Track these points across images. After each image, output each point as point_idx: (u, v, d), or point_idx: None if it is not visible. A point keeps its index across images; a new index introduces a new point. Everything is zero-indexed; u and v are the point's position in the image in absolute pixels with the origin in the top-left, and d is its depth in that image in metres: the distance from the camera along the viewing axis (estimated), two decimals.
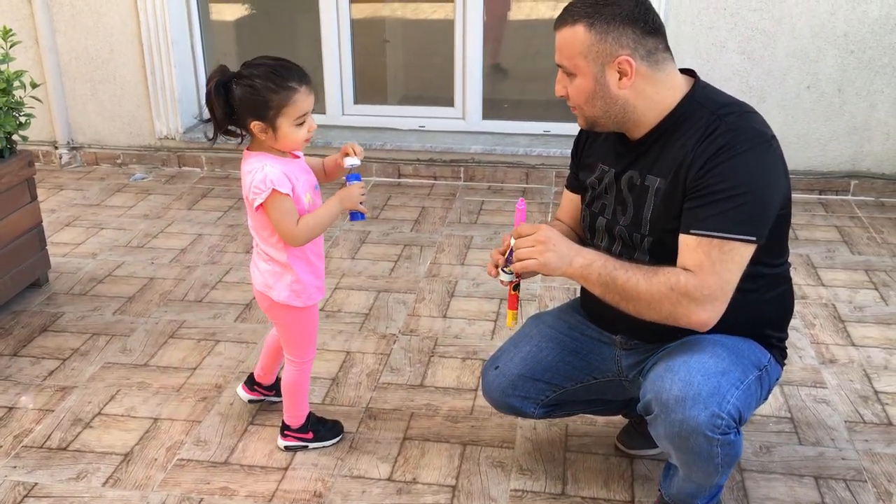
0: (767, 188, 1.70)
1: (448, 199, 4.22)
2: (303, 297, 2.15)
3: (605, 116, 1.80)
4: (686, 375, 1.72)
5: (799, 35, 3.94)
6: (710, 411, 1.68)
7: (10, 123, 2.96)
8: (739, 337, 1.85)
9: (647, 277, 1.70)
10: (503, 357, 2.12)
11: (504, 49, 4.59)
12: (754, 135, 1.71)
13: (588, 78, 1.75)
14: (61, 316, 3.10)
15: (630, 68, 1.72)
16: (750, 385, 1.78)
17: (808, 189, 4.16)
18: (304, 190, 2.08)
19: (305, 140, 2.05)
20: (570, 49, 1.74)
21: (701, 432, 1.69)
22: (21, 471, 2.27)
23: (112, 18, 4.44)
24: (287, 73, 1.97)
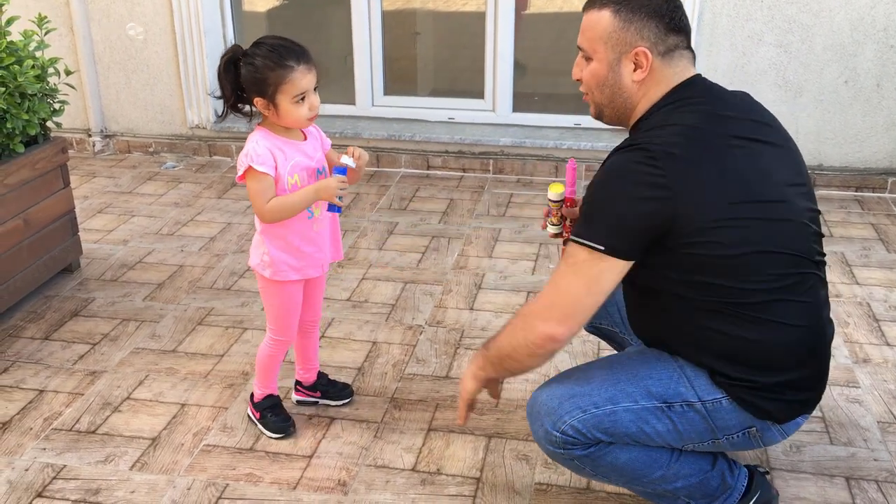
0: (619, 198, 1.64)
1: (477, 191, 4.20)
2: (271, 271, 2.19)
3: (610, 106, 1.81)
4: (538, 394, 1.82)
5: (837, 28, 3.86)
6: (545, 428, 1.77)
7: (44, 110, 2.99)
8: (679, 364, 1.76)
9: (504, 329, 1.79)
10: None
11: (519, 44, 4.54)
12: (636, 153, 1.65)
13: (603, 64, 1.75)
14: (92, 301, 3.14)
15: (646, 61, 1.72)
16: (618, 411, 1.73)
17: (844, 186, 4.08)
18: (292, 171, 2.11)
19: (309, 119, 2.09)
20: (591, 32, 1.75)
21: (542, 444, 1.81)
22: (50, 453, 2.30)
23: (146, 8, 4.47)
24: (285, 52, 2.02)
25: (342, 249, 2.36)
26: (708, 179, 1.62)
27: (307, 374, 2.47)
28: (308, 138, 2.19)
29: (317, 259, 2.23)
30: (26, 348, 2.82)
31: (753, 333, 1.69)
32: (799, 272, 1.71)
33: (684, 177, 1.61)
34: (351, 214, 3.92)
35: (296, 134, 2.16)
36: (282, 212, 2.10)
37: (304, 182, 2.13)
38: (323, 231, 2.23)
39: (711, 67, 4.02)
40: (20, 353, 2.80)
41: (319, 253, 2.23)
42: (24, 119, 2.90)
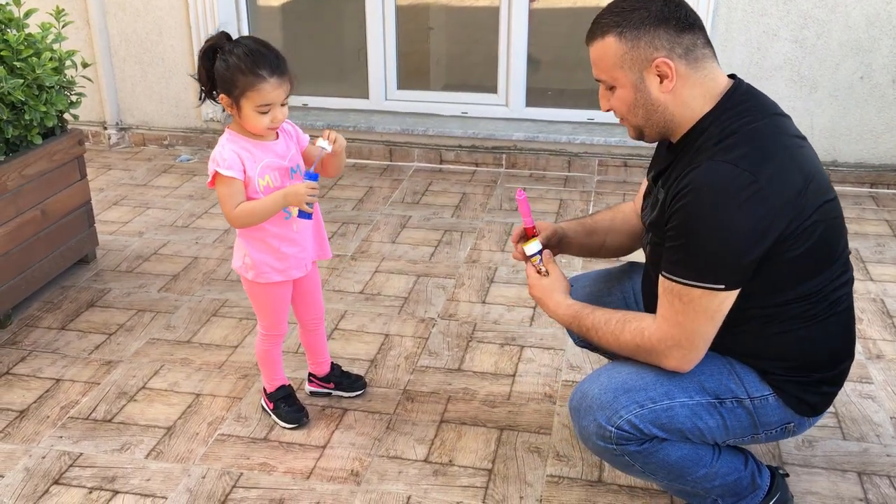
0: (729, 236, 1.57)
1: (489, 185, 4.21)
2: (253, 273, 2.19)
3: (648, 125, 1.73)
4: (587, 388, 1.78)
5: (853, 24, 3.84)
6: (598, 423, 1.74)
7: (61, 102, 3.02)
8: (727, 360, 1.77)
9: (616, 336, 1.77)
10: (580, 280, 2.20)
11: (532, 39, 4.54)
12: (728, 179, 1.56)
13: (628, 88, 1.69)
14: (108, 292, 3.17)
15: (669, 69, 1.64)
16: (674, 407, 1.72)
17: (858, 182, 4.06)
18: (262, 172, 2.07)
19: (269, 128, 2.04)
20: (604, 62, 1.69)
21: (593, 441, 1.77)
22: (67, 441, 2.33)
23: (161, 1, 4.50)
24: (261, 59, 1.97)
25: (329, 248, 2.31)
26: (797, 186, 1.60)
27: (319, 367, 2.49)
28: (280, 137, 2.14)
29: (300, 259, 2.21)
30: (43, 338, 2.85)
31: (818, 332, 1.73)
32: (848, 268, 1.77)
33: (782, 188, 1.58)
34: (364, 208, 3.93)
35: (267, 135, 2.11)
36: (250, 217, 2.07)
37: (276, 183, 2.10)
38: (304, 231, 2.19)
39: (726, 63, 4.01)
40: (37, 342, 2.83)
41: (302, 253, 2.21)
42: (42, 111, 2.93)
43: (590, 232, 2.10)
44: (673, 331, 1.67)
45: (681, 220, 1.62)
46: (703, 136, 1.67)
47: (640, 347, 1.73)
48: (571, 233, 2.07)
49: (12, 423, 2.41)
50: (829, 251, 1.69)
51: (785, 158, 1.61)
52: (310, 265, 2.27)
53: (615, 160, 4.28)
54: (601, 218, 2.13)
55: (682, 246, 1.62)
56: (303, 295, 2.33)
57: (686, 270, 1.62)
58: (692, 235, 1.60)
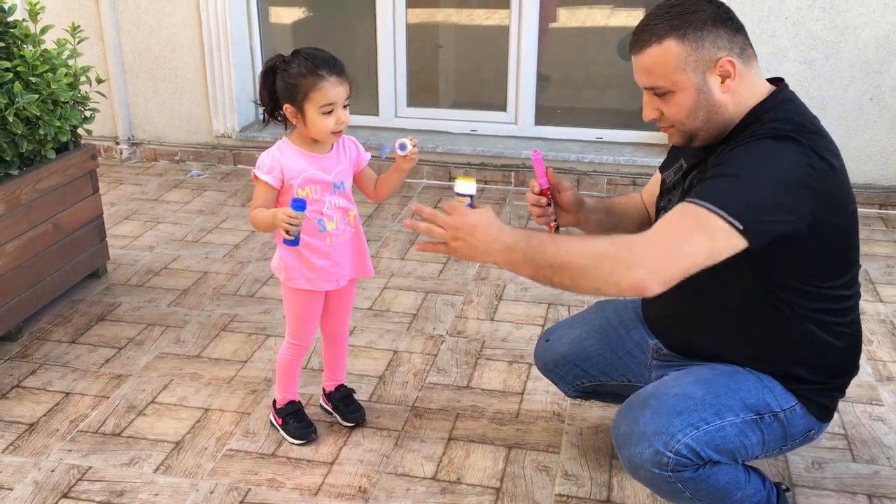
0: (774, 184, 1.54)
1: (498, 203, 4.22)
2: (284, 276, 2.22)
3: (706, 127, 1.70)
4: (637, 413, 1.72)
5: (863, 46, 3.86)
6: (654, 449, 1.67)
7: (75, 117, 3.05)
8: (756, 374, 1.77)
9: (583, 243, 1.56)
10: (556, 332, 2.22)
11: (545, 57, 4.57)
12: (791, 143, 1.58)
13: (689, 91, 1.65)
14: (118, 306, 3.18)
15: (733, 68, 1.64)
16: (725, 427, 1.70)
17: (868, 203, 4.06)
18: (303, 183, 2.12)
19: (334, 132, 2.08)
20: (663, 67, 1.64)
21: (648, 469, 1.69)
22: (76, 454, 2.34)
23: (175, 18, 4.55)
24: (320, 62, 2.03)
25: (370, 267, 2.32)
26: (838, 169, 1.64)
27: (328, 383, 2.49)
28: (334, 151, 2.18)
29: (330, 273, 2.21)
30: (53, 351, 2.87)
31: (837, 339, 1.76)
32: (858, 281, 1.80)
33: (830, 181, 1.61)
34: (373, 224, 3.95)
35: (321, 147, 2.15)
36: (255, 223, 2.13)
37: (316, 195, 2.13)
38: (340, 246, 2.20)
39: None
40: (48, 355, 2.84)
41: (334, 267, 2.21)
42: (57, 126, 2.96)
43: (608, 210, 2.06)
44: (662, 238, 1.53)
45: (731, 158, 1.59)
46: (752, 123, 1.67)
47: (615, 245, 1.53)
48: (591, 204, 2.02)
49: (22, 437, 2.41)
50: (848, 257, 1.73)
51: (832, 142, 1.66)
52: (343, 281, 2.26)
53: (624, 179, 4.29)
54: (618, 202, 2.13)
55: (722, 177, 1.57)
56: (332, 308, 2.34)
57: (716, 196, 1.53)
58: (740, 168, 1.56)
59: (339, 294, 2.32)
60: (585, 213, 2.00)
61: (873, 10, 3.79)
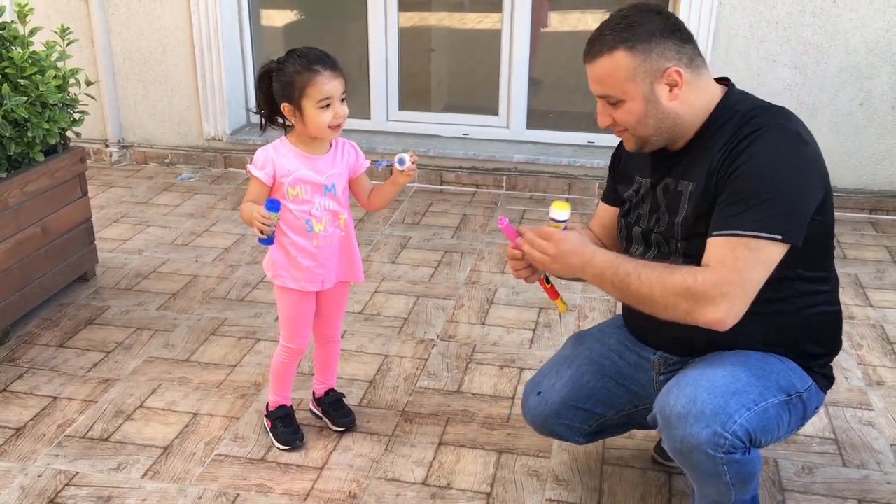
0: (796, 187, 1.65)
1: (489, 207, 4.22)
2: (272, 273, 2.23)
3: (657, 133, 1.77)
4: (692, 392, 1.69)
5: (853, 51, 3.87)
6: (713, 430, 1.65)
7: (64, 119, 3.03)
8: (777, 357, 1.80)
9: (663, 279, 1.66)
10: (545, 382, 2.09)
11: (538, 62, 4.57)
12: (783, 134, 1.68)
13: (638, 100, 1.72)
14: (107, 310, 3.16)
15: (680, 78, 1.71)
16: (768, 409, 1.72)
17: (858, 208, 4.07)
18: (294, 182, 2.13)
19: (332, 127, 2.08)
20: (614, 77, 1.72)
21: (702, 450, 1.66)
22: (63, 459, 2.32)
23: (165, 21, 4.53)
24: (313, 58, 2.05)
25: (360, 272, 2.31)
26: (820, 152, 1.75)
27: (318, 387, 2.48)
28: (331, 153, 2.18)
29: (315, 274, 2.21)
30: (41, 355, 2.84)
31: (836, 316, 1.87)
32: None
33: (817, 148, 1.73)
34: (364, 228, 3.94)
35: (318, 147, 2.16)
36: (242, 216, 2.17)
37: (306, 196, 2.13)
38: (327, 248, 2.20)
39: None
40: (35, 359, 2.82)
41: (320, 269, 2.21)
42: (45, 128, 2.94)
43: None
44: (731, 276, 1.62)
45: (749, 178, 1.65)
46: (725, 122, 1.74)
47: (690, 290, 1.63)
48: None
49: (8, 441, 2.39)
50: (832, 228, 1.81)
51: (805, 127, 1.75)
52: (329, 284, 2.25)
53: None
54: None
55: (748, 200, 1.64)
56: (323, 310, 2.34)
57: (754, 222, 1.62)
58: (762, 190, 1.64)
59: (330, 296, 2.31)
60: None
61: (863, 16, 3.81)
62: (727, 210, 1.67)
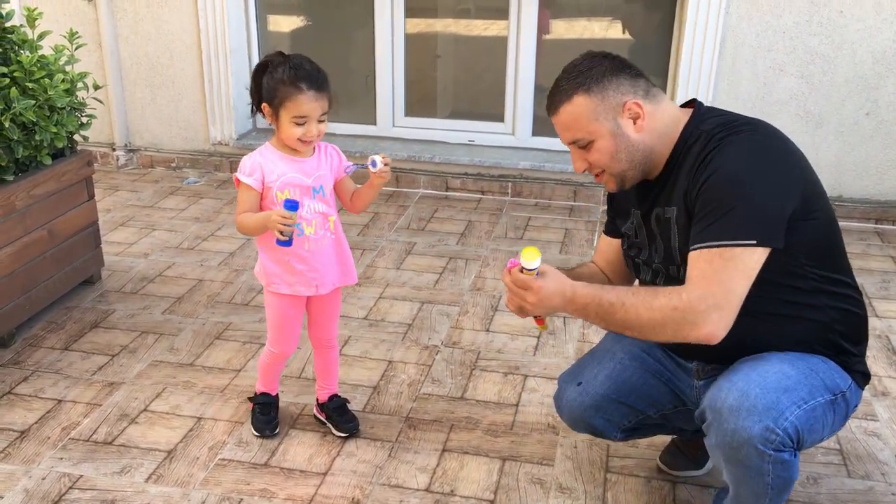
0: (763, 190, 1.66)
1: (495, 213, 4.22)
2: (265, 280, 2.26)
3: (631, 167, 1.81)
4: (744, 386, 1.68)
5: (860, 61, 3.87)
6: (764, 425, 1.64)
7: (72, 123, 3.04)
8: (819, 357, 1.80)
9: (647, 304, 1.68)
10: (585, 373, 2.05)
11: (542, 69, 4.57)
12: (744, 143, 1.69)
13: (606, 136, 1.77)
14: (112, 313, 3.17)
15: (640, 109, 1.77)
16: (816, 408, 1.72)
17: (863, 218, 4.06)
18: (282, 186, 2.15)
19: (302, 140, 2.12)
20: (578, 122, 1.77)
21: (753, 445, 1.65)
22: (67, 462, 2.32)
23: (173, 26, 4.55)
24: (303, 74, 2.07)
25: (354, 274, 2.34)
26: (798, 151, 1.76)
27: (320, 392, 2.49)
28: (316, 156, 2.21)
29: (309, 278, 2.23)
30: (46, 358, 2.85)
31: (859, 307, 1.86)
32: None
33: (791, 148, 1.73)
34: (369, 234, 3.94)
35: (302, 151, 2.19)
36: (243, 228, 2.18)
37: (295, 199, 2.15)
38: (319, 252, 2.22)
39: (732, 96, 4.03)
40: (40, 362, 2.82)
41: (313, 273, 2.23)
42: (53, 132, 2.95)
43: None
44: (714, 288, 1.63)
45: (714, 190, 1.67)
46: (693, 143, 1.77)
47: (676, 310, 1.64)
48: None
49: (13, 444, 2.40)
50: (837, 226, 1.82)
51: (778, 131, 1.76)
52: (324, 289, 2.27)
53: None
54: (583, 272, 2.08)
55: (716, 211, 1.66)
56: (315, 315, 2.36)
57: (724, 232, 1.64)
58: (727, 198, 1.65)
59: (322, 302, 2.33)
60: None
61: (870, 26, 3.81)
62: (698, 225, 1.69)
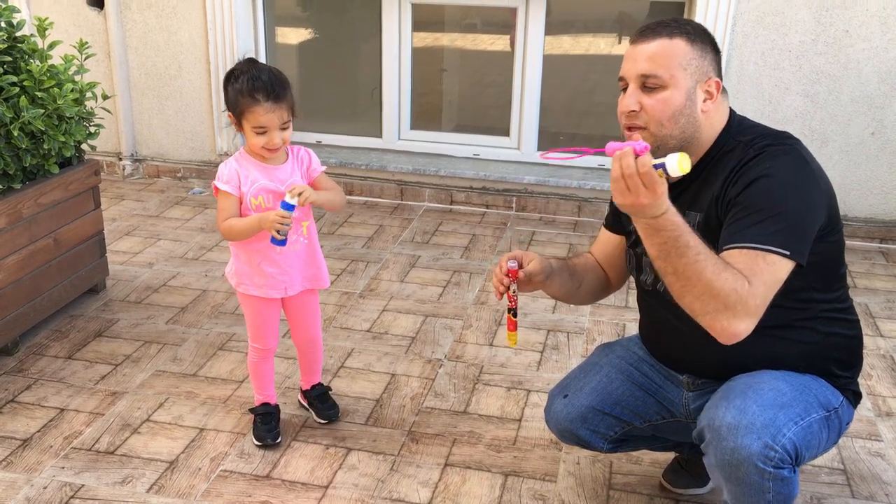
0: (803, 207, 1.66)
1: (499, 227, 4.22)
2: (235, 281, 2.33)
3: (678, 137, 1.74)
4: (741, 404, 1.68)
5: (865, 80, 3.88)
6: (763, 442, 1.63)
7: (80, 132, 3.06)
8: (810, 375, 1.80)
9: (717, 268, 1.55)
10: (572, 385, 2.08)
11: (545, 83, 4.59)
12: (788, 155, 1.70)
13: (681, 92, 1.71)
14: (116, 322, 3.17)
15: (717, 92, 1.75)
16: (812, 424, 1.72)
17: (868, 237, 4.06)
18: (256, 192, 2.21)
19: (266, 149, 2.17)
20: (668, 59, 1.70)
21: (752, 462, 1.64)
22: (69, 472, 2.32)
23: (182, 37, 4.57)
24: (259, 85, 2.12)
25: (325, 278, 2.40)
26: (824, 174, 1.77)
27: (302, 380, 2.60)
28: (289, 162, 2.27)
29: (279, 281, 2.30)
30: (49, 366, 2.85)
31: (854, 330, 1.87)
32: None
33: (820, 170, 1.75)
34: (373, 246, 3.94)
35: (275, 158, 2.24)
36: (231, 233, 2.22)
37: (268, 204, 2.22)
38: (290, 255, 2.28)
39: None
40: (43, 370, 2.83)
41: (283, 276, 2.30)
42: (61, 141, 2.96)
43: (571, 272, 2.04)
44: (761, 289, 1.57)
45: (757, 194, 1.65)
46: (729, 151, 1.76)
47: (736, 292, 1.54)
48: (557, 267, 1.98)
49: (15, 452, 2.39)
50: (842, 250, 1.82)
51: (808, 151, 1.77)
52: (292, 290, 2.34)
53: None
54: (577, 263, 2.07)
55: (758, 214, 1.64)
56: (293, 318, 2.45)
57: (766, 236, 1.61)
58: (770, 204, 1.64)
59: (297, 305, 2.40)
60: (552, 279, 1.94)
61: (876, 46, 3.82)
62: (738, 223, 1.65)
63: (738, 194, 1.68)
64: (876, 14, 3.78)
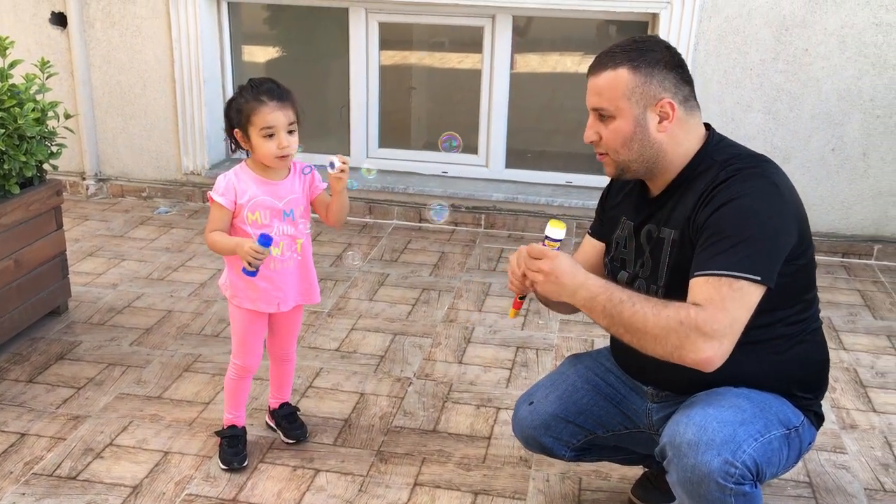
0: (772, 231, 1.68)
1: (468, 245, 4.23)
2: (230, 293, 2.32)
3: (638, 161, 1.81)
4: (702, 421, 1.69)
5: (825, 98, 3.96)
6: (723, 458, 1.65)
7: (41, 152, 3.01)
8: (772, 394, 1.82)
9: (656, 311, 1.65)
10: (538, 393, 2.11)
11: (513, 101, 4.62)
12: (759, 180, 1.72)
13: (629, 120, 1.77)
14: (78, 345, 3.11)
15: (672, 111, 1.77)
16: (772, 441, 1.73)
17: (830, 252, 4.13)
18: (253, 207, 2.20)
19: (278, 156, 2.17)
20: (612, 91, 1.76)
21: (713, 479, 1.65)
22: (29, 498, 2.26)
23: (147, 55, 4.54)
24: (263, 88, 2.16)
25: (317, 293, 2.41)
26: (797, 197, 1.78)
27: (272, 400, 2.57)
28: (290, 179, 2.26)
29: (272, 297, 2.29)
30: (10, 391, 2.79)
31: (821, 352, 1.89)
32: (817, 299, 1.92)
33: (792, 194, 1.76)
34: (342, 264, 3.93)
35: (276, 173, 2.24)
36: (213, 246, 2.22)
37: (265, 221, 2.22)
38: (284, 272, 2.28)
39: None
40: (3, 395, 2.76)
41: (276, 291, 2.29)
42: (22, 161, 2.92)
43: None
44: (720, 315, 1.62)
45: (726, 219, 1.68)
46: (704, 170, 1.78)
47: (683, 324, 1.62)
48: None
49: None
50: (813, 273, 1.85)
51: (783, 174, 1.78)
52: (285, 306, 2.33)
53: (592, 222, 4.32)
54: None
55: (726, 241, 1.67)
56: (276, 330, 2.44)
57: (733, 262, 1.64)
58: (739, 230, 1.66)
59: (283, 318, 2.40)
60: None
61: (835, 64, 3.90)
62: (707, 251, 1.69)
63: (708, 217, 1.71)
64: (834, 33, 3.87)
